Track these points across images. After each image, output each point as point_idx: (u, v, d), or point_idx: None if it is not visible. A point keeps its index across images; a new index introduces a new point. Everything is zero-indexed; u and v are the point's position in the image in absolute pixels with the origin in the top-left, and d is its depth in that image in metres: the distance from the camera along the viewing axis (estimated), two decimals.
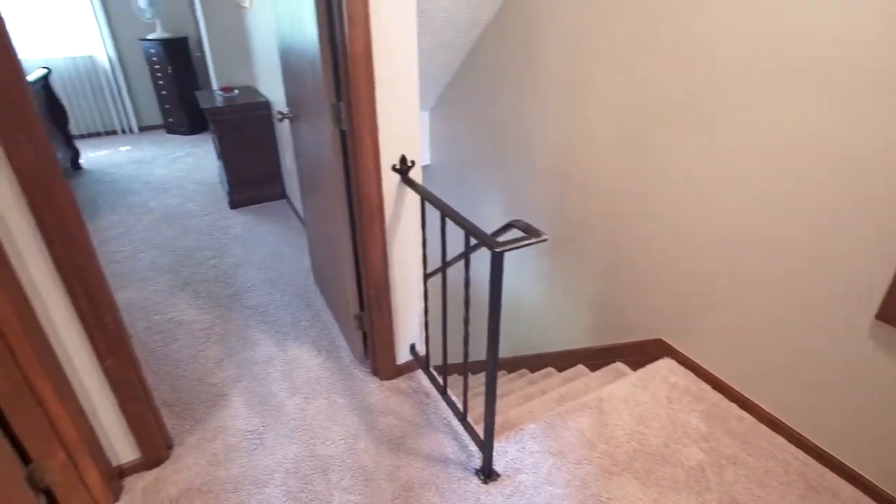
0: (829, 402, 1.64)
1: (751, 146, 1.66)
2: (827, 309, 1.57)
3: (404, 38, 1.53)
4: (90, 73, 5.48)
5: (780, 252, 1.66)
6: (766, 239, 1.68)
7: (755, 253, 1.73)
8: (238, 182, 3.75)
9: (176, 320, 2.48)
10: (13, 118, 1.17)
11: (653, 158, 2.00)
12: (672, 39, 1.81)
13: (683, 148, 1.87)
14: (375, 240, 1.77)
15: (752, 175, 1.68)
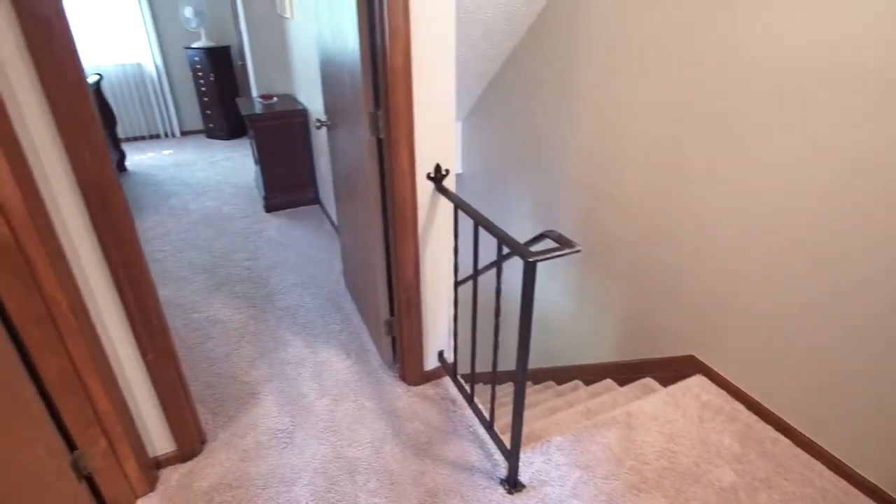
0: (872, 429, 1.58)
1: (789, 162, 1.62)
2: (871, 331, 1.52)
3: (443, 50, 1.56)
4: (137, 79, 5.73)
5: (822, 270, 1.61)
6: (807, 255, 1.64)
7: (794, 270, 1.69)
8: (274, 186, 3.85)
9: (212, 319, 2.57)
10: (77, 125, 1.25)
11: (686, 173, 1.98)
12: (710, 54, 1.79)
13: (718, 163, 1.84)
14: (408, 246, 1.80)
15: (789, 191, 1.64)
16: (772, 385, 1.86)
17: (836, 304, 1.59)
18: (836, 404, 1.66)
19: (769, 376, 1.86)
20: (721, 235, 1.90)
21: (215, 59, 5.47)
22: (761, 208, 1.74)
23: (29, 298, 1.26)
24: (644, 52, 2.07)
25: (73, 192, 1.31)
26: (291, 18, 3.59)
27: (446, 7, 1.52)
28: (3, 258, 1.21)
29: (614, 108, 2.28)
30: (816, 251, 1.61)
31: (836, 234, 1.55)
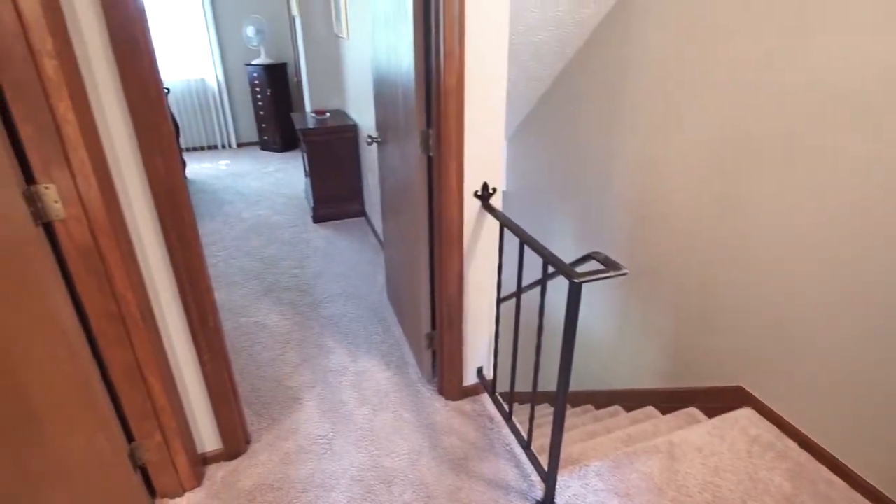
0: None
1: (842, 190, 1.56)
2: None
3: (495, 73, 1.60)
4: (200, 93, 6.07)
5: (882, 299, 1.54)
6: (865, 282, 1.57)
7: (852, 299, 1.61)
8: (322, 198, 3.98)
9: (260, 323, 2.67)
10: (154, 137, 1.35)
11: (736, 198, 1.93)
12: (764, 79, 1.76)
13: (770, 189, 1.79)
14: (453, 262, 1.83)
15: (845, 218, 1.58)
16: (827, 422, 1.77)
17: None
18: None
19: (824, 413, 1.77)
20: (773, 262, 1.84)
21: (273, 75, 5.74)
22: (816, 236, 1.68)
23: (102, 296, 1.36)
24: (696, 77, 2.04)
25: (146, 200, 1.41)
26: (347, 38, 3.74)
27: (499, 31, 1.57)
28: (84, 260, 1.31)
29: (663, 130, 2.26)
30: (876, 278, 1.54)
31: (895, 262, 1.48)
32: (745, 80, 1.84)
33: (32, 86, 1.14)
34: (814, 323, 1.74)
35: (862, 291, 1.59)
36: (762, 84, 1.78)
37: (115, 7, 1.23)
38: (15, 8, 1.08)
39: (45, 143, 1.19)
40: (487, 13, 1.52)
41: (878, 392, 1.59)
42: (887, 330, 1.54)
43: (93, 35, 1.23)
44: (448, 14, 1.46)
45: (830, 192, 1.62)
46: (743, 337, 2.01)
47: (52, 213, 1.25)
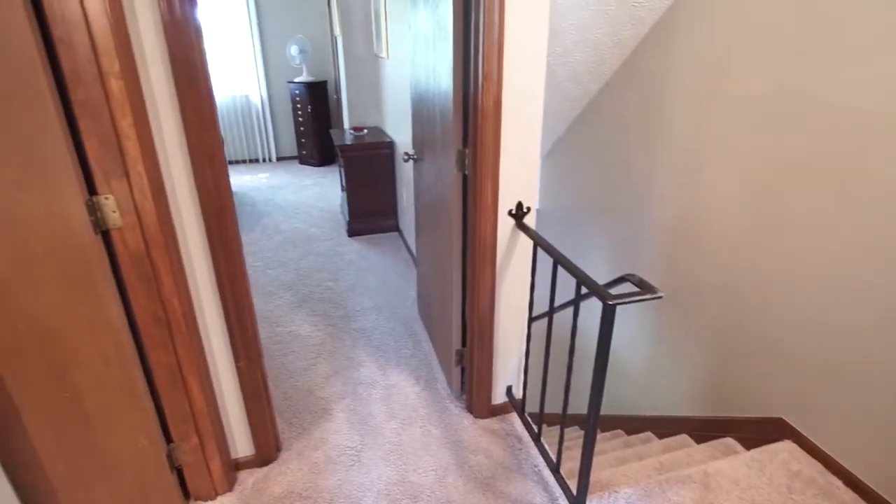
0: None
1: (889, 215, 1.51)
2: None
3: (532, 95, 1.63)
4: (244, 109, 6.33)
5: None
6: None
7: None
8: (357, 212, 4.07)
9: (293, 333, 2.73)
10: (206, 152, 1.43)
11: (778, 222, 1.88)
12: (804, 101, 1.72)
13: (813, 213, 1.74)
14: (486, 280, 1.84)
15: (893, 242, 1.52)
16: (875, 460, 1.68)
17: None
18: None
19: (872, 449, 1.68)
20: (817, 288, 1.78)
21: (313, 92, 5.93)
22: (864, 262, 1.62)
23: (151, 301, 1.43)
24: (735, 99, 2.02)
25: (195, 211, 1.48)
26: (386, 58, 3.84)
27: (537, 55, 1.59)
28: (136, 266, 1.38)
29: (703, 152, 2.23)
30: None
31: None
32: (785, 101, 1.81)
33: (99, 103, 1.22)
34: (862, 353, 1.67)
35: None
36: (802, 106, 1.75)
37: (176, 33, 1.31)
38: (89, 34, 1.17)
39: (107, 157, 1.27)
40: (526, 37, 1.55)
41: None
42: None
43: (155, 58, 1.32)
44: (488, 37, 1.50)
45: (878, 217, 1.56)
46: (785, 366, 1.94)
47: (111, 222, 1.33)
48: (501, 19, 1.49)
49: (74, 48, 1.17)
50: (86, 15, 1.16)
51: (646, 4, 2.33)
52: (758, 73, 1.92)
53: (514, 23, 1.52)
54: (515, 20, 1.52)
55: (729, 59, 2.04)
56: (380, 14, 3.79)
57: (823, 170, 1.71)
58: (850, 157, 1.63)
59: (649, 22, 2.45)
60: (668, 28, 2.37)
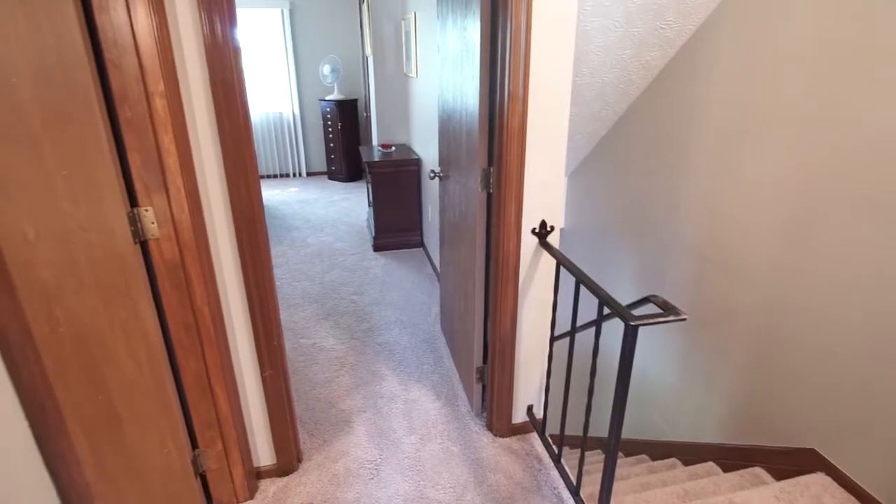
0: None
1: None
2: None
3: (557, 116, 1.65)
4: (277, 125, 6.53)
5: None
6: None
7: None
8: (383, 228, 4.13)
9: (318, 346, 2.77)
10: (240, 169, 1.49)
11: (812, 244, 1.84)
12: (836, 120, 1.69)
13: (849, 236, 1.70)
14: (508, 297, 1.85)
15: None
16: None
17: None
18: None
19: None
20: (853, 314, 1.72)
21: (344, 110, 6.09)
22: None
23: (183, 309, 1.49)
24: (765, 120, 2.00)
25: (227, 223, 1.54)
26: (415, 77, 3.93)
27: (562, 77, 1.62)
28: (171, 275, 1.44)
29: (731, 172, 2.20)
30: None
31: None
32: (816, 122, 1.78)
33: (143, 121, 1.29)
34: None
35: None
36: (834, 126, 1.72)
37: (217, 56, 1.38)
38: (138, 57, 1.25)
39: (148, 171, 1.34)
40: (552, 58, 1.58)
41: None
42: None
43: (196, 78, 1.39)
44: (514, 59, 1.53)
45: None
46: (818, 396, 1.88)
47: (149, 233, 1.39)
48: (528, 41, 1.52)
49: (123, 70, 1.25)
50: (135, 39, 1.24)
51: (674, 26, 2.33)
52: (790, 93, 1.90)
53: (540, 45, 1.55)
54: (541, 42, 1.55)
55: (760, 78, 2.03)
56: (410, 35, 3.89)
57: (860, 192, 1.68)
58: (888, 179, 1.59)
59: (677, 43, 2.45)
60: (695, 49, 2.36)
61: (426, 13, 3.37)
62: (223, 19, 1.37)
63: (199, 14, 1.35)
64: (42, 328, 1.28)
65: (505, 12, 1.52)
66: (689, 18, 2.32)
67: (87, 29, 1.19)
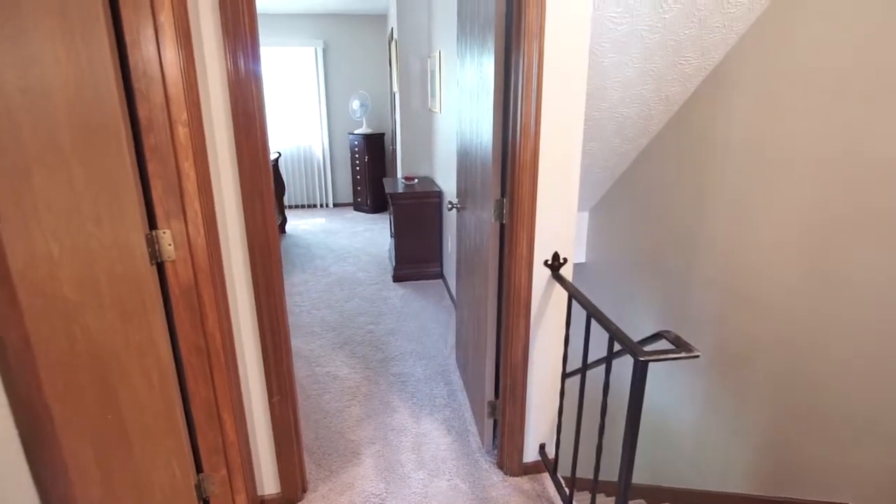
0: None
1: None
2: None
3: (569, 151, 1.66)
4: (307, 157, 6.73)
5: None
6: None
7: None
8: (403, 259, 4.15)
9: (332, 374, 2.76)
10: (256, 195, 1.53)
11: (839, 279, 1.76)
12: (866, 150, 1.64)
13: (880, 270, 1.62)
14: (519, 330, 1.82)
15: None
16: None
17: None
18: None
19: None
20: (887, 352, 1.62)
21: (371, 143, 6.25)
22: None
23: (194, 332, 1.51)
24: (790, 153, 1.96)
25: (242, 249, 1.58)
26: (439, 112, 4.02)
27: (576, 111, 1.63)
28: (184, 297, 1.47)
29: (756, 206, 2.15)
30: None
31: None
32: (840, 155, 1.74)
33: (166, 148, 1.35)
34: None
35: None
36: (858, 159, 1.67)
37: (239, 87, 1.45)
38: (164, 86, 1.32)
39: (168, 195, 1.39)
40: (564, 94, 1.60)
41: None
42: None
43: (218, 108, 1.46)
44: (526, 93, 1.56)
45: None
46: (854, 445, 1.76)
47: (166, 255, 1.43)
48: (540, 76, 1.54)
49: (150, 100, 1.32)
50: (163, 71, 1.31)
51: (693, 62, 2.34)
52: (811, 126, 1.86)
53: (553, 79, 1.57)
54: (553, 77, 1.57)
55: (781, 112, 2.00)
56: (435, 72, 4.01)
57: (889, 226, 1.61)
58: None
59: (696, 79, 2.45)
60: (716, 83, 2.36)
61: (450, 51, 3.48)
62: (246, 54, 1.44)
63: (224, 50, 1.42)
64: (61, 344, 1.32)
65: (518, 48, 1.56)
66: (707, 55, 2.32)
67: (118, 60, 1.26)
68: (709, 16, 2.11)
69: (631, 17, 2.08)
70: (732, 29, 2.19)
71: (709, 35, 2.21)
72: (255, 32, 1.46)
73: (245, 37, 1.44)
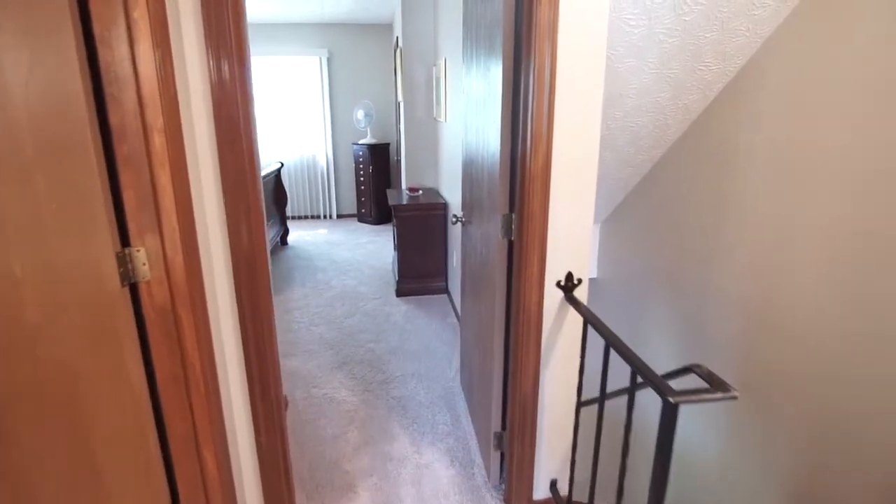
0: None
1: None
2: None
3: (585, 159, 1.52)
4: (311, 168, 6.64)
5: None
6: None
7: None
8: (407, 273, 4.01)
9: (329, 396, 2.61)
10: (242, 208, 1.40)
11: (878, 306, 1.59)
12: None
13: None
14: (529, 357, 1.67)
15: None
16: None
17: None
18: None
19: None
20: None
21: (375, 154, 6.15)
22: None
23: (171, 359, 1.37)
24: (820, 163, 1.80)
25: (226, 267, 1.44)
26: (444, 121, 3.90)
27: (591, 118, 1.50)
28: (160, 322, 1.34)
29: (785, 224, 1.99)
30: None
31: None
32: (886, 167, 1.58)
33: (140, 157, 1.22)
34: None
35: None
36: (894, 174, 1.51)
37: (222, 91, 1.32)
38: (137, 90, 1.20)
39: (142, 210, 1.26)
40: (580, 97, 1.46)
41: None
42: None
43: (200, 115, 1.33)
44: (538, 96, 1.42)
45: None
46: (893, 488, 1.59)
47: (140, 275, 1.30)
48: (553, 77, 1.41)
49: (123, 104, 1.19)
50: (136, 72, 1.18)
51: (713, 67, 2.20)
52: (846, 138, 1.71)
53: (567, 83, 1.44)
54: (567, 81, 1.44)
55: (809, 122, 1.85)
56: (440, 80, 3.90)
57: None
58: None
59: (717, 86, 2.31)
60: (738, 90, 2.21)
61: (456, 58, 3.36)
62: (231, 56, 1.32)
63: (207, 51, 1.30)
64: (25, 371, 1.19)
65: (528, 48, 1.42)
66: (729, 60, 2.18)
67: (87, 61, 1.14)
68: (731, 18, 1.98)
69: (648, 19, 1.94)
70: (757, 32, 2.05)
71: (731, 39, 2.07)
72: (243, 32, 1.35)
73: (229, 37, 1.32)
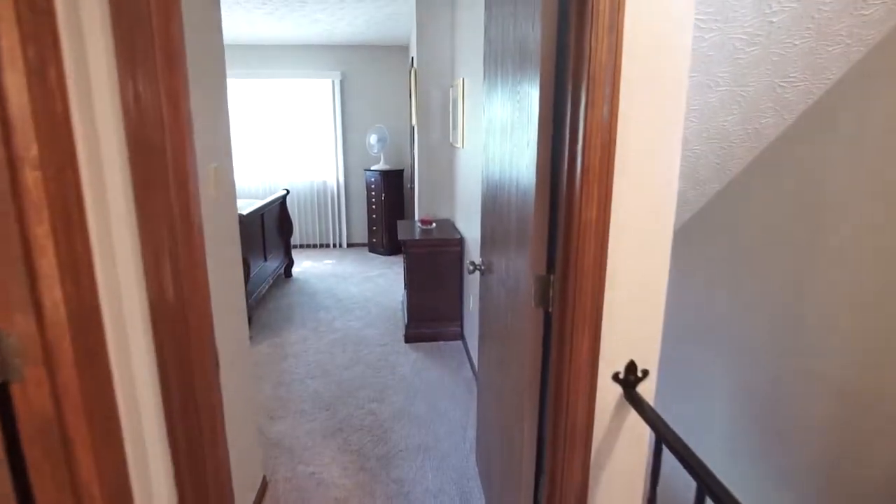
0: None
1: None
2: None
3: (659, 199, 1.07)
4: (320, 194, 6.30)
5: None
6: None
7: None
8: (417, 316, 3.57)
9: (317, 477, 2.16)
10: (171, 272, 0.99)
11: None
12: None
13: None
14: (573, 471, 1.20)
15: None
16: None
17: None
18: None
19: None
20: None
21: (388, 180, 5.79)
22: None
23: (58, 489, 0.95)
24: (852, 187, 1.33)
25: (148, 351, 1.03)
26: (462, 147, 3.51)
27: (668, 142, 1.06)
28: (41, 437, 0.92)
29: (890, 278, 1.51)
30: None
31: None
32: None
33: (2, 200, 0.83)
34: None
35: None
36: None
37: (140, 116, 0.93)
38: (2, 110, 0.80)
39: (9, 280, 0.85)
40: (652, 113, 1.03)
41: None
42: None
43: (110, 145, 0.93)
44: (593, 118, 0.99)
45: None
46: None
47: (9, 373, 0.89)
48: (615, 86, 0.98)
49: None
50: None
51: (798, 84, 1.76)
52: None
53: (634, 95, 1.01)
54: (635, 91, 1.01)
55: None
56: (457, 102, 3.52)
57: None
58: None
59: (798, 106, 1.87)
60: (824, 112, 1.76)
61: (475, 78, 2.98)
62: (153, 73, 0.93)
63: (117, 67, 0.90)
64: None
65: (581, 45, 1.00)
66: (819, 75, 1.74)
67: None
68: (832, 20, 1.54)
69: (724, 21, 1.52)
70: (860, 38, 1.61)
71: (826, 47, 1.64)
72: (176, 47, 0.96)
73: (152, 52, 0.92)
